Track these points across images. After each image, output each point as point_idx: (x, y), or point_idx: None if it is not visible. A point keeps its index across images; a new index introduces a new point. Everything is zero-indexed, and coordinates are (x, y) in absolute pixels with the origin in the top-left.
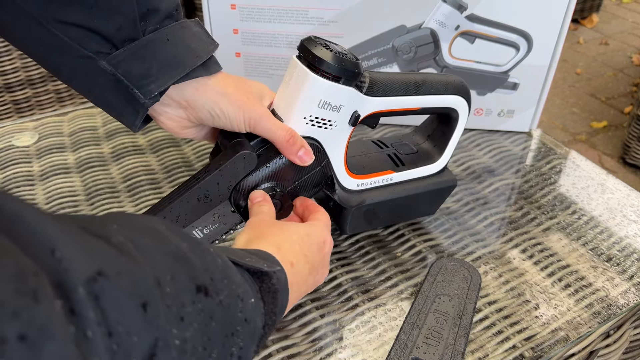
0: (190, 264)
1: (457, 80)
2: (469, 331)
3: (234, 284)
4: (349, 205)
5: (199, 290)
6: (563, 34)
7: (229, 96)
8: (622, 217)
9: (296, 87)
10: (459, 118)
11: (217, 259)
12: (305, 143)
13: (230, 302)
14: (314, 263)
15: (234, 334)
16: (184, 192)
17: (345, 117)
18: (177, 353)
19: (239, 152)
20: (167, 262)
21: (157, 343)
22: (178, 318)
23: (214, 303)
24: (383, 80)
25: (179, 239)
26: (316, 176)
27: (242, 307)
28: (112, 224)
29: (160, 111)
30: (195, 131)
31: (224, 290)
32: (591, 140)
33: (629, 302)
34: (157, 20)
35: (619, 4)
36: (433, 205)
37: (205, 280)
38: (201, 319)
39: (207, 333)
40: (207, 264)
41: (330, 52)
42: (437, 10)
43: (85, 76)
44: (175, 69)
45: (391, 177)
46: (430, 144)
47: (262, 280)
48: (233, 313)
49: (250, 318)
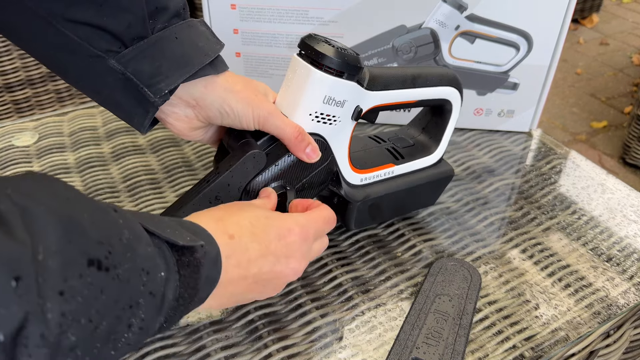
0: (85, 237)
1: (449, 72)
2: (469, 331)
3: (139, 257)
4: (354, 200)
5: (91, 264)
6: (563, 34)
7: (237, 93)
8: (622, 217)
9: (300, 84)
10: (452, 109)
11: (123, 230)
12: (312, 140)
13: (130, 276)
14: (268, 246)
15: (132, 307)
16: (195, 195)
17: (348, 112)
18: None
19: (249, 152)
20: (56, 234)
21: (27, 316)
22: (56, 292)
23: (108, 277)
24: (382, 74)
25: (83, 209)
26: (322, 173)
27: (147, 280)
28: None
29: (169, 112)
30: (203, 132)
31: (124, 264)
32: (591, 140)
33: (629, 302)
34: (165, 19)
35: (619, 4)
36: (433, 195)
37: (99, 254)
38: (88, 292)
39: (94, 306)
40: (107, 237)
41: (332, 48)
42: (437, 10)
43: (94, 76)
44: (184, 67)
45: (392, 170)
46: (426, 136)
47: (182, 254)
48: (134, 286)
49: (157, 291)
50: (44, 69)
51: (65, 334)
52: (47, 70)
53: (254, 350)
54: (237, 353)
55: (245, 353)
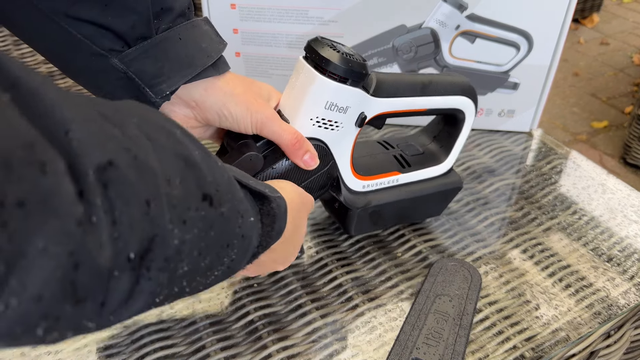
0: (200, 172)
1: (463, 81)
2: (469, 331)
3: (236, 200)
4: (354, 206)
5: (205, 199)
6: (564, 34)
7: (237, 97)
8: (622, 217)
9: (303, 88)
10: (465, 119)
11: (224, 173)
12: (311, 147)
13: (230, 216)
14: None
15: (229, 246)
16: None
17: (351, 119)
18: (173, 252)
19: (245, 154)
20: (178, 165)
21: (154, 239)
22: (181, 220)
23: (217, 213)
24: (390, 81)
25: (193, 146)
26: (322, 178)
27: (241, 223)
28: (132, 117)
29: (168, 110)
30: (202, 131)
31: (227, 204)
32: (592, 140)
33: (629, 303)
34: (170, 19)
35: (620, 4)
36: (439, 206)
37: (211, 190)
38: (202, 225)
39: (205, 240)
40: (214, 175)
41: (337, 53)
42: (438, 9)
43: (96, 74)
44: (187, 69)
45: (397, 179)
46: (437, 145)
47: (262, 203)
48: (232, 227)
49: (247, 235)
50: (44, 69)
51: (182, 263)
52: (47, 70)
53: (254, 351)
54: (237, 353)
55: (245, 353)
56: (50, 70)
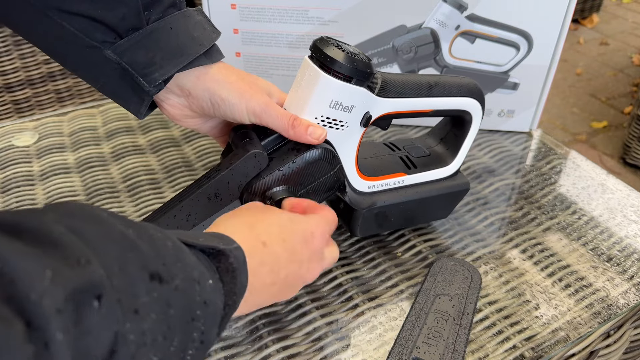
0: (140, 251)
1: (470, 83)
2: (469, 331)
3: (188, 267)
4: (359, 207)
5: (153, 278)
6: (563, 34)
7: (230, 84)
8: (622, 217)
9: (308, 87)
10: (472, 121)
11: (167, 242)
12: (310, 122)
13: (186, 287)
14: (294, 251)
15: (194, 319)
16: (195, 190)
17: (356, 118)
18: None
19: (250, 151)
20: (114, 251)
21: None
22: (131, 311)
23: (170, 289)
24: (395, 81)
25: (124, 226)
26: (329, 180)
27: (200, 290)
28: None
29: (164, 98)
30: (200, 122)
31: (179, 275)
32: (591, 141)
33: (629, 302)
34: (160, 10)
35: (619, 4)
36: (445, 209)
37: (157, 267)
38: (159, 308)
39: (166, 322)
40: (157, 249)
41: (342, 52)
42: (438, 10)
43: (91, 65)
44: (178, 58)
45: (403, 180)
46: (443, 147)
47: (219, 260)
48: (191, 297)
49: (210, 300)
50: (44, 69)
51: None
52: (47, 70)
53: (254, 350)
54: (237, 353)
55: (245, 353)
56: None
